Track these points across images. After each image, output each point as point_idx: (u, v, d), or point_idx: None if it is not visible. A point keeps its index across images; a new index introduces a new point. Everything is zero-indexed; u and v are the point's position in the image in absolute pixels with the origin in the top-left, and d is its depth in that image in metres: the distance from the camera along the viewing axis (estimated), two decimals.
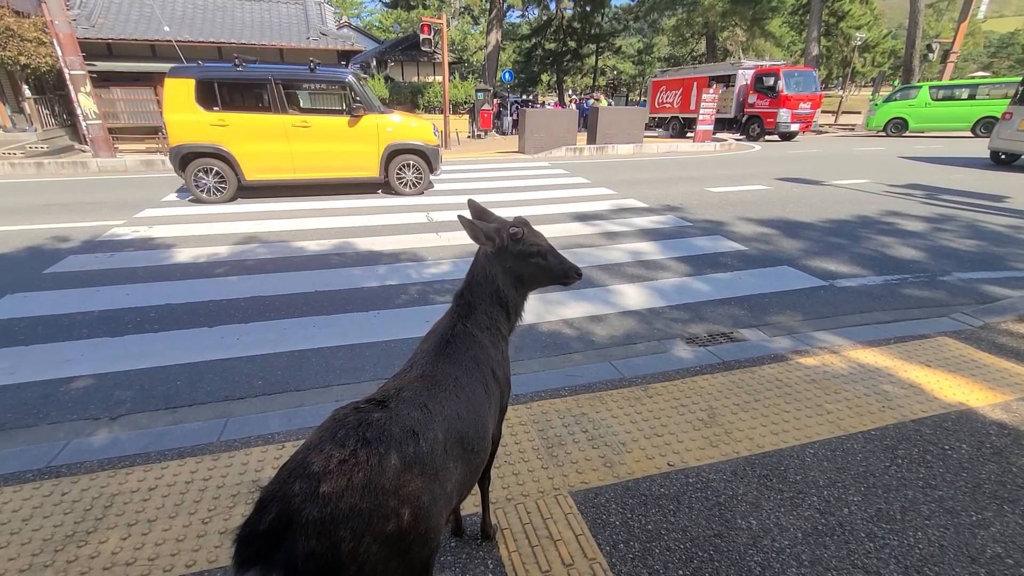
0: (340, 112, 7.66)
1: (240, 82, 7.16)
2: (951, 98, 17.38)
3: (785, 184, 8.86)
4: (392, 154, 7.80)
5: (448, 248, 5.13)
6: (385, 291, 4.05)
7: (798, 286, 4.20)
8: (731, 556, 1.67)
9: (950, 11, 40.14)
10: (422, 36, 14.54)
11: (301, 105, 7.97)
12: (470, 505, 1.81)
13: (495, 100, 21.21)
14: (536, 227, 1.54)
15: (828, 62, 36.42)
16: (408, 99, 20.65)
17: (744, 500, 1.90)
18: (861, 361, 2.89)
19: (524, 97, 30.47)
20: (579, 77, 43.34)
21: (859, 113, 24.13)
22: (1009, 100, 10.48)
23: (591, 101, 23.30)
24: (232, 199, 7.47)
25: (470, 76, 33.08)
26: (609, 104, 24.53)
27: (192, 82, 6.87)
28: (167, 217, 6.34)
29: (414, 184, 8.02)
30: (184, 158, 7.10)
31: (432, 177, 8.23)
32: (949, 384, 2.66)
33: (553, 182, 9.17)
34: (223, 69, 7.11)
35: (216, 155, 7.17)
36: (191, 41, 12.99)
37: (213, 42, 13.45)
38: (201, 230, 5.75)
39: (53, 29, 9.99)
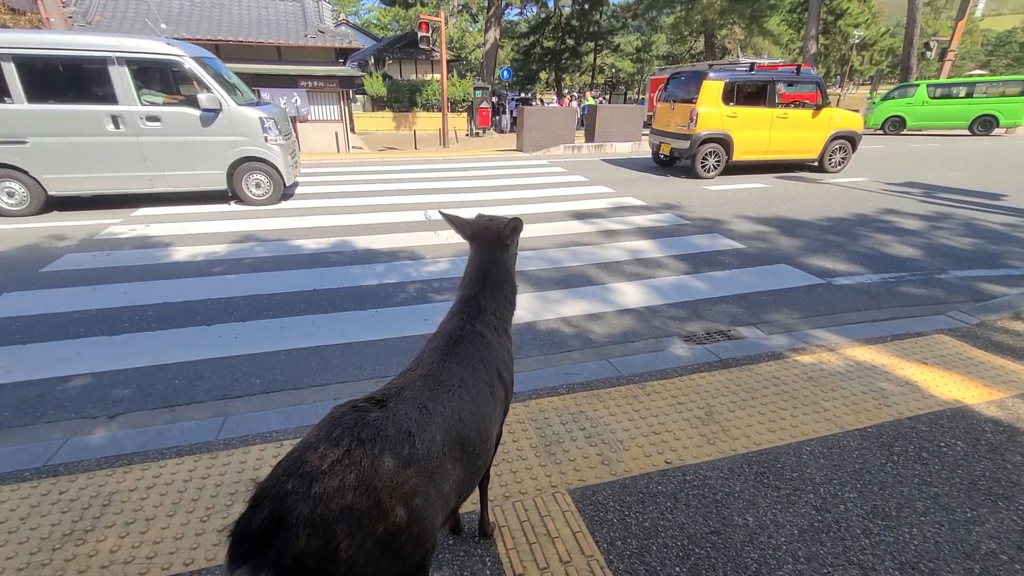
0: (807, 106, 9.58)
1: (750, 83, 9.21)
2: (949, 96, 17.40)
3: (783, 182, 8.87)
4: (833, 139, 9.61)
5: (446, 246, 5.13)
6: (383, 289, 4.05)
7: (795, 284, 4.21)
8: (728, 553, 1.68)
9: (948, 9, 40.20)
10: (420, 34, 14.51)
11: (777, 101, 9.51)
12: (468, 503, 1.82)
13: (493, 97, 21.19)
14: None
15: (826, 60, 36.47)
16: (406, 97, 20.61)
17: (741, 497, 1.91)
18: (858, 359, 2.90)
19: (522, 95, 30.45)
20: (577, 75, 43.29)
21: (857, 111, 24.16)
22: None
23: (583, 101, 23.30)
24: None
25: (468, 74, 33.03)
26: (600, 102, 24.41)
27: (722, 83, 8.86)
28: (164, 215, 6.33)
29: (839, 163, 9.90)
30: (703, 142, 8.99)
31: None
32: (945, 381, 2.67)
33: (551, 180, 9.17)
34: (742, 73, 9.20)
35: (722, 140, 9.10)
36: (188, 38, 12.94)
37: (210, 39, 13.40)
38: (198, 228, 5.74)
39: (49, 27, 9.94)
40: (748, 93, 9.29)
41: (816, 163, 9.88)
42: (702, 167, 9.18)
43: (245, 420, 2.38)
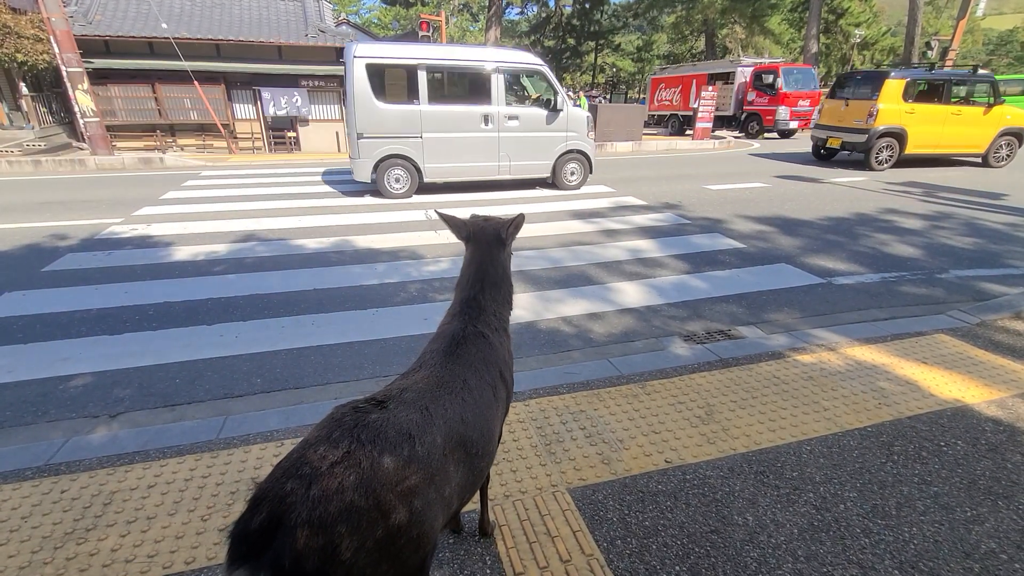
0: (979, 104, 10.03)
1: (928, 81, 9.83)
2: None
3: (784, 181, 8.87)
4: (1002, 135, 10.20)
5: (447, 246, 5.13)
6: (384, 289, 4.05)
7: (796, 284, 4.21)
8: (728, 552, 1.68)
9: (949, 8, 40.08)
10: (421, 33, 14.52)
11: (952, 98, 9.95)
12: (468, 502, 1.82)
13: None
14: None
15: (827, 59, 36.41)
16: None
17: (741, 496, 1.92)
18: (858, 358, 2.90)
19: None
20: (578, 74, 43.26)
21: None
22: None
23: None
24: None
25: None
26: (600, 102, 24.19)
27: (904, 82, 9.51)
28: (165, 215, 6.34)
29: (1005, 159, 10.51)
30: (880, 136, 9.62)
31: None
32: (945, 381, 2.67)
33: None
34: (922, 72, 9.81)
35: (897, 135, 9.72)
36: (189, 38, 12.96)
37: (211, 39, 13.41)
38: (200, 228, 5.74)
39: (50, 26, 9.96)
40: (923, 91, 9.93)
41: (981, 158, 10.55)
42: (876, 160, 9.83)
43: (246, 419, 2.38)
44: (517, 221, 1.52)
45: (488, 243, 1.53)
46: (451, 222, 1.56)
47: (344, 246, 5.12)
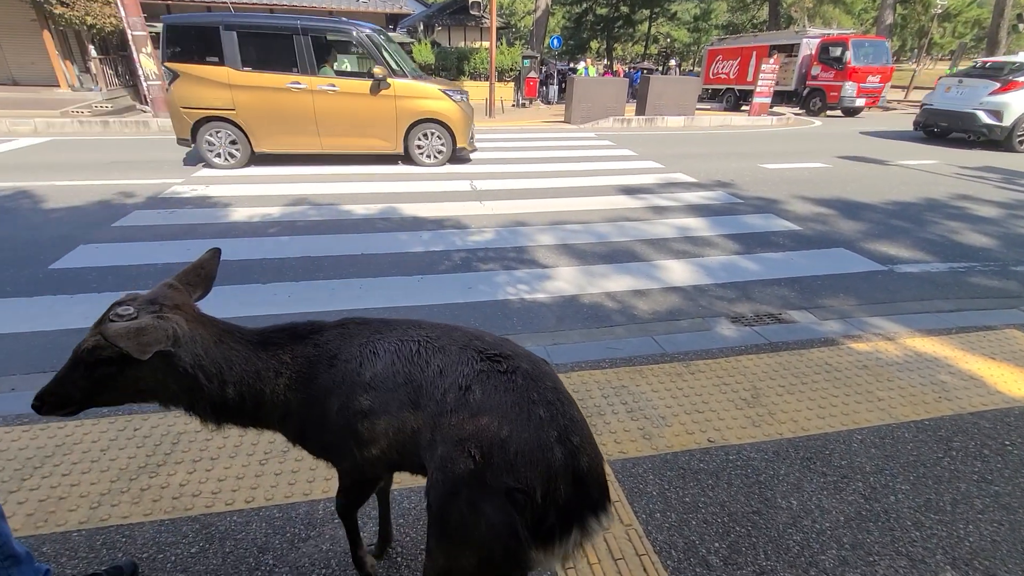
0: None
1: None
2: None
3: (846, 162, 8.38)
4: None
5: (492, 216, 5.13)
6: (429, 257, 4.11)
7: (854, 269, 4.02)
8: (769, 533, 1.67)
9: None
10: (471, 0, 14.25)
11: None
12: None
13: (541, 67, 20.72)
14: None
15: (903, 32, 33.70)
16: (454, 65, 20.42)
17: (785, 480, 1.89)
18: (918, 349, 2.77)
19: (571, 65, 29.63)
20: (630, 44, 41.69)
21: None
22: None
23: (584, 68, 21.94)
24: None
25: (517, 42, 32.32)
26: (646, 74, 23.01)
27: None
28: (222, 177, 6.58)
29: None
30: None
31: (478, 146, 8.31)
32: (1015, 378, 2.52)
33: (598, 153, 8.97)
34: None
35: None
36: (244, 2, 13.17)
37: (265, 3, 13.61)
38: (255, 191, 5.94)
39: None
40: None
41: None
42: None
43: None
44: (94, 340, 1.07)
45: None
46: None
47: (391, 213, 5.20)
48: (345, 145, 7.37)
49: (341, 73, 7.62)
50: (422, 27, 25.12)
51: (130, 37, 10.63)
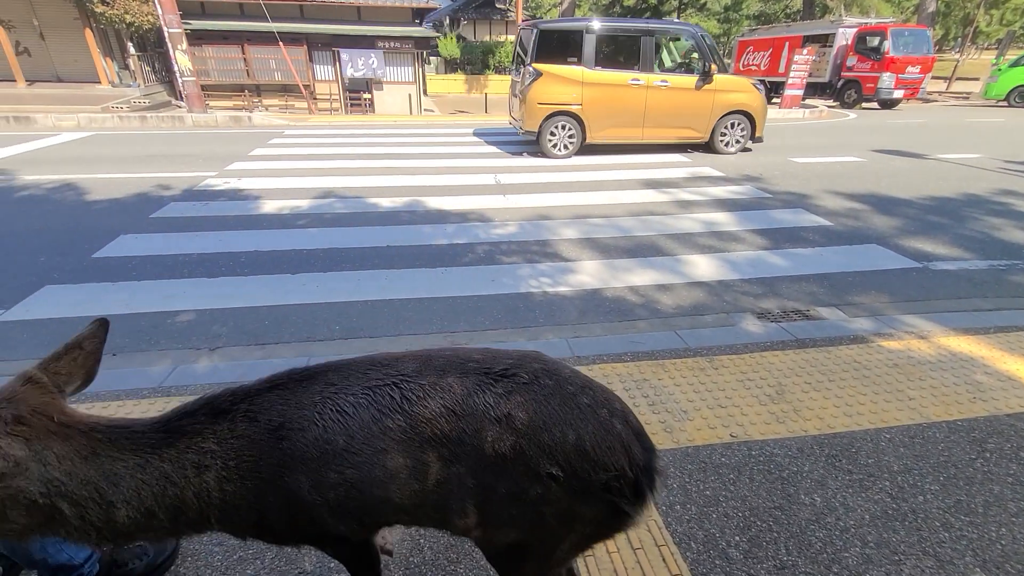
0: None
1: None
2: None
3: (882, 156, 8.12)
4: None
5: (515, 210, 5.15)
6: (453, 249, 4.16)
7: (887, 266, 3.91)
8: (791, 529, 1.66)
9: None
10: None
11: None
12: None
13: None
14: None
15: (946, 20, 32.28)
16: (479, 59, 20.43)
17: (809, 477, 1.86)
18: (952, 349, 2.69)
19: None
20: None
21: (976, 80, 21.37)
22: None
23: None
24: None
25: None
26: None
27: None
28: (254, 171, 6.75)
29: None
30: None
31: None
32: None
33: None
34: None
35: None
36: (276, 0, 13.41)
37: (296, 0, 13.83)
38: (284, 184, 6.08)
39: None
40: None
41: None
42: None
43: None
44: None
45: None
46: None
47: (416, 206, 5.26)
48: (662, 135, 8.17)
49: (667, 69, 8.34)
50: (448, 21, 25.17)
51: (166, 34, 10.95)
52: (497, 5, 14.69)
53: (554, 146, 7.78)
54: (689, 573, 1.52)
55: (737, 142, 8.23)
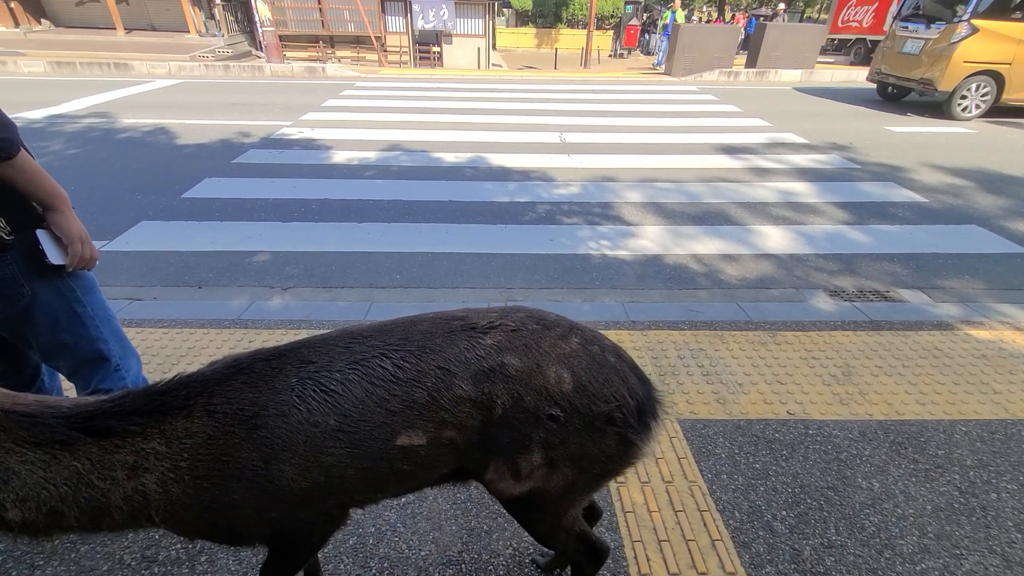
0: None
1: None
2: None
3: (995, 127, 7.24)
4: None
5: (579, 171, 5.04)
6: (513, 207, 4.15)
7: (987, 250, 3.55)
8: (844, 511, 1.61)
9: None
10: None
11: None
12: None
13: (644, 14, 19.41)
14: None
15: None
16: (551, 12, 19.69)
17: (870, 462, 1.79)
18: None
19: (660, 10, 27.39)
20: None
21: None
22: None
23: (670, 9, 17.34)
24: None
25: None
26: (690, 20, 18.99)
27: None
28: (326, 121, 6.94)
29: None
30: None
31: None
32: None
33: (698, 109, 8.40)
34: None
35: None
36: None
37: None
38: (354, 135, 6.23)
39: None
40: None
41: None
42: None
43: (388, 308, 2.69)
44: None
45: None
46: None
47: (479, 162, 5.26)
48: None
49: None
50: None
51: None
52: None
53: (964, 109, 7.40)
54: (730, 540, 1.52)
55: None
